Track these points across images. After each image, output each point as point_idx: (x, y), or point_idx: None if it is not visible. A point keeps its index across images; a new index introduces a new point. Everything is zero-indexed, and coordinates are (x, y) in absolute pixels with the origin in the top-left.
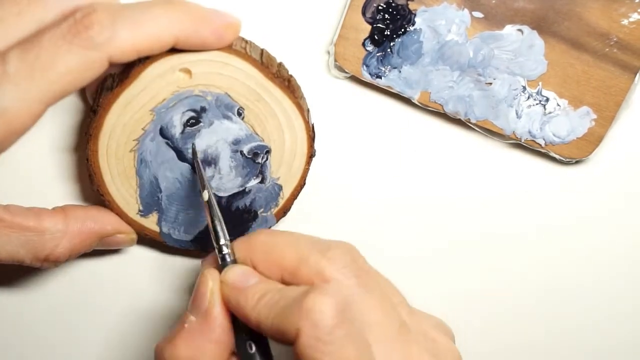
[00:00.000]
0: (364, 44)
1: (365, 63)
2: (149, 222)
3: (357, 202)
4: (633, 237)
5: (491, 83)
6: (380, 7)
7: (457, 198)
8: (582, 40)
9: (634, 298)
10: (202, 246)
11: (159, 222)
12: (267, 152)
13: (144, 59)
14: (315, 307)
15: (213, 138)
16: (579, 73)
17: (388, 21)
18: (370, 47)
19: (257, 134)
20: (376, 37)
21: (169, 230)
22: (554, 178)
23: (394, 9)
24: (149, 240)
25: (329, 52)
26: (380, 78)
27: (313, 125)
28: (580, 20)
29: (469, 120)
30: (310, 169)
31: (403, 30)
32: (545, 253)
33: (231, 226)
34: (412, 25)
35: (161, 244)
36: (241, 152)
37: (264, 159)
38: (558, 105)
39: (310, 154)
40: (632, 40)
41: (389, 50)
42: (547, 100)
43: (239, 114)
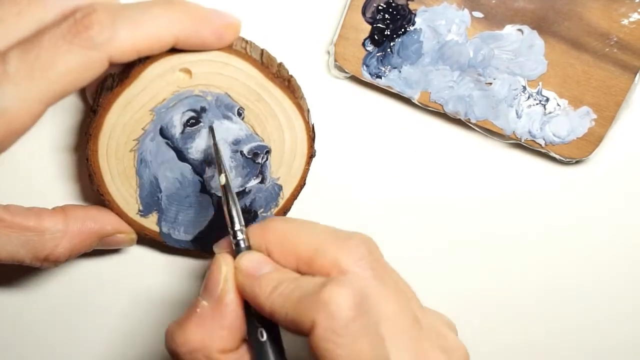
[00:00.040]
0: (364, 44)
1: (365, 63)
2: (149, 222)
3: (357, 202)
4: (633, 237)
5: (491, 83)
6: (380, 7)
7: (457, 198)
8: (582, 40)
9: (634, 298)
10: (202, 246)
11: (158, 222)
12: (267, 152)
13: (144, 59)
14: (332, 299)
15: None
16: (579, 73)
17: (388, 21)
18: (370, 47)
19: (257, 134)
20: (376, 37)
21: (169, 230)
22: (554, 178)
23: (394, 9)
24: (149, 240)
25: (329, 52)
26: (380, 78)
27: (313, 125)
28: (580, 20)
29: (469, 120)
30: (310, 169)
31: (403, 30)
32: (545, 253)
33: None
34: (412, 25)
35: (161, 244)
36: (241, 152)
37: (264, 159)
38: (558, 105)
39: (310, 154)
40: (632, 40)
41: (389, 50)
42: (547, 100)
43: (239, 114)
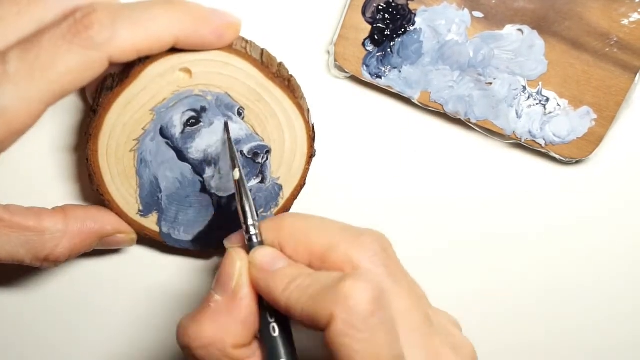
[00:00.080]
0: (364, 44)
1: (365, 63)
2: (149, 222)
3: (357, 202)
4: (633, 237)
5: (491, 83)
6: (380, 7)
7: (457, 198)
8: (583, 40)
9: (634, 298)
10: (202, 246)
11: (158, 222)
12: (267, 152)
13: (144, 59)
14: (351, 293)
15: (213, 138)
16: (579, 73)
17: (388, 21)
18: (370, 47)
19: (257, 134)
20: (376, 37)
21: (169, 230)
22: (554, 178)
23: (394, 9)
24: (149, 240)
25: (329, 52)
26: (380, 78)
27: (313, 125)
28: (580, 20)
29: (469, 120)
30: (310, 169)
31: (403, 30)
32: (545, 253)
33: (231, 226)
34: (412, 25)
35: (161, 244)
36: (241, 152)
37: (264, 159)
38: (558, 105)
39: (311, 154)
40: (632, 40)
41: (389, 50)
42: (547, 100)
43: (239, 114)
